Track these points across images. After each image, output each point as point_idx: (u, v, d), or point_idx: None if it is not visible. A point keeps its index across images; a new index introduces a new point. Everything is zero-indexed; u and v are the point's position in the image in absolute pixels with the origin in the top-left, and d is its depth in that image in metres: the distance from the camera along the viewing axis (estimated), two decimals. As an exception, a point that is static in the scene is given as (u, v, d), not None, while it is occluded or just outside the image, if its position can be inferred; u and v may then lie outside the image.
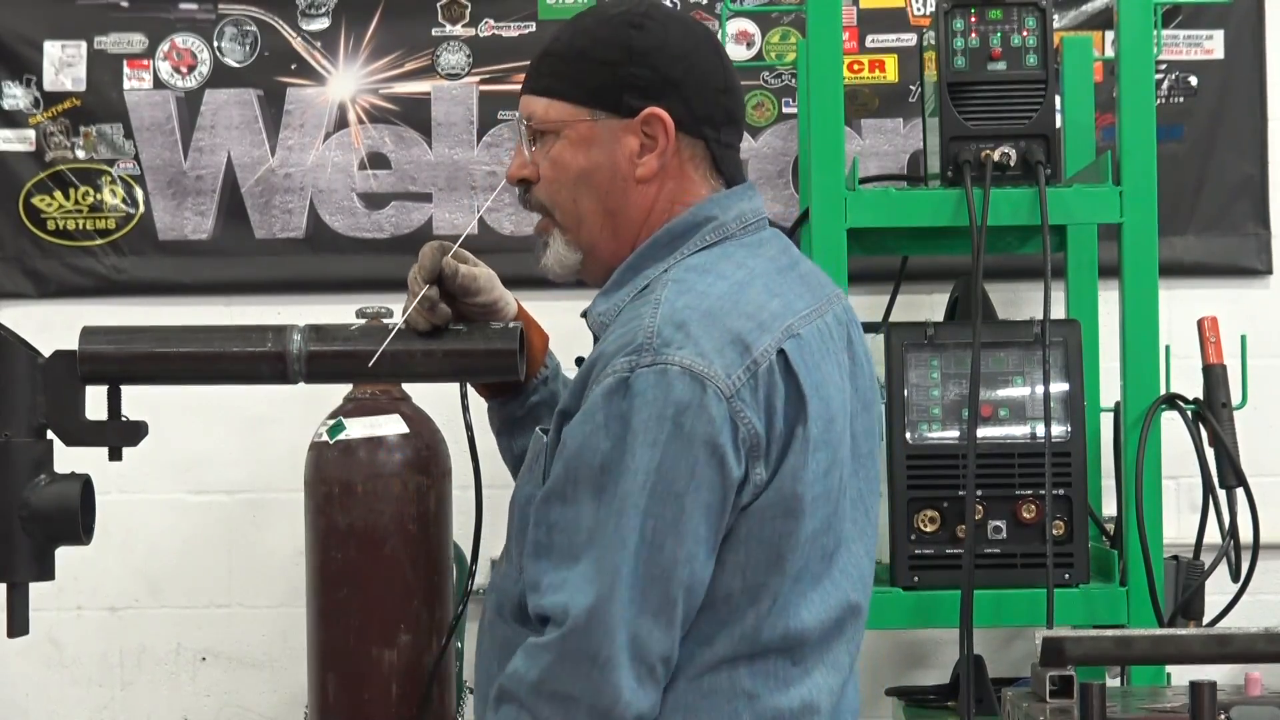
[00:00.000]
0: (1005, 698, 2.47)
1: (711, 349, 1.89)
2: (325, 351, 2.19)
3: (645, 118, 2.03)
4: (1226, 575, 3.12)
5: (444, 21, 3.96)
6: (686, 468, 1.86)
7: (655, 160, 2.04)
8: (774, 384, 1.91)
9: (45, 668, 3.97)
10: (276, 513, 3.90)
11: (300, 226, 3.95)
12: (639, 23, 2.04)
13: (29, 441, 2.15)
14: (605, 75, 2.04)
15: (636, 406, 1.86)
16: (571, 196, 2.08)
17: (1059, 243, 3.52)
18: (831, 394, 1.98)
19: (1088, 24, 3.89)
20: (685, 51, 2.05)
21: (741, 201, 2.09)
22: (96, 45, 3.96)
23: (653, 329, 1.90)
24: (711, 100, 2.06)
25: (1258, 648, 2.12)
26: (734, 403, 1.87)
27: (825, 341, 2.01)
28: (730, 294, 1.96)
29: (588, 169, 2.06)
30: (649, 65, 2.03)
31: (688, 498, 1.86)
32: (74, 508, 2.13)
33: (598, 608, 1.85)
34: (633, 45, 2.03)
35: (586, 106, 2.05)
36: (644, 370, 1.87)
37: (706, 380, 1.86)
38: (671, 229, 2.05)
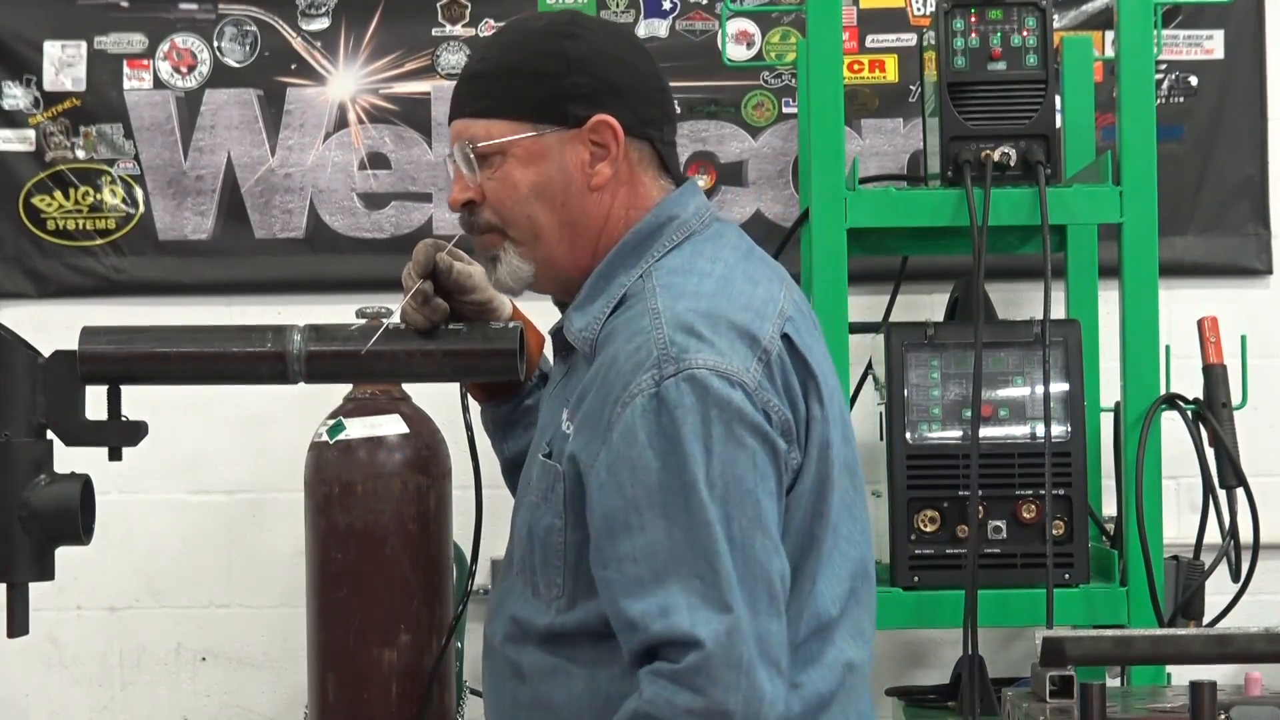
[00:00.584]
0: (1005, 698, 2.47)
1: (726, 346, 1.90)
2: (325, 351, 2.19)
3: (594, 126, 2.03)
4: (1226, 575, 3.12)
5: (444, 21, 3.96)
6: (747, 462, 1.87)
7: (608, 167, 2.04)
8: (786, 368, 1.93)
9: (45, 668, 3.97)
10: (276, 513, 3.89)
11: (300, 226, 3.95)
12: (571, 32, 2.04)
13: (29, 441, 2.15)
14: (546, 88, 2.03)
15: (679, 418, 1.86)
16: (525, 213, 2.06)
17: (1059, 243, 3.52)
18: (825, 365, 2.02)
19: (1088, 24, 3.89)
20: (621, 55, 2.06)
21: (695, 197, 2.10)
22: (96, 45, 3.96)
23: (665, 338, 1.90)
24: (652, 100, 2.08)
25: (1258, 648, 2.12)
26: (760, 394, 1.89)
27: (805, 315, 2.06)
28: (719, 290, 1.97)
29: (539, 183, 2.04)
30: (589, 73, 2.03)
31: (759, 490, 1.88)
32: (74, 508, 2.13)
33: (727, 624, 1.83)
34: (569, 55, 2.03)
35: (530, 121, 2.03)
36: (671, 381, 1.87)
37: (733, 377, 1.88)
38: (638, 233, 2.05)
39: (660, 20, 3.93)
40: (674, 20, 3.93)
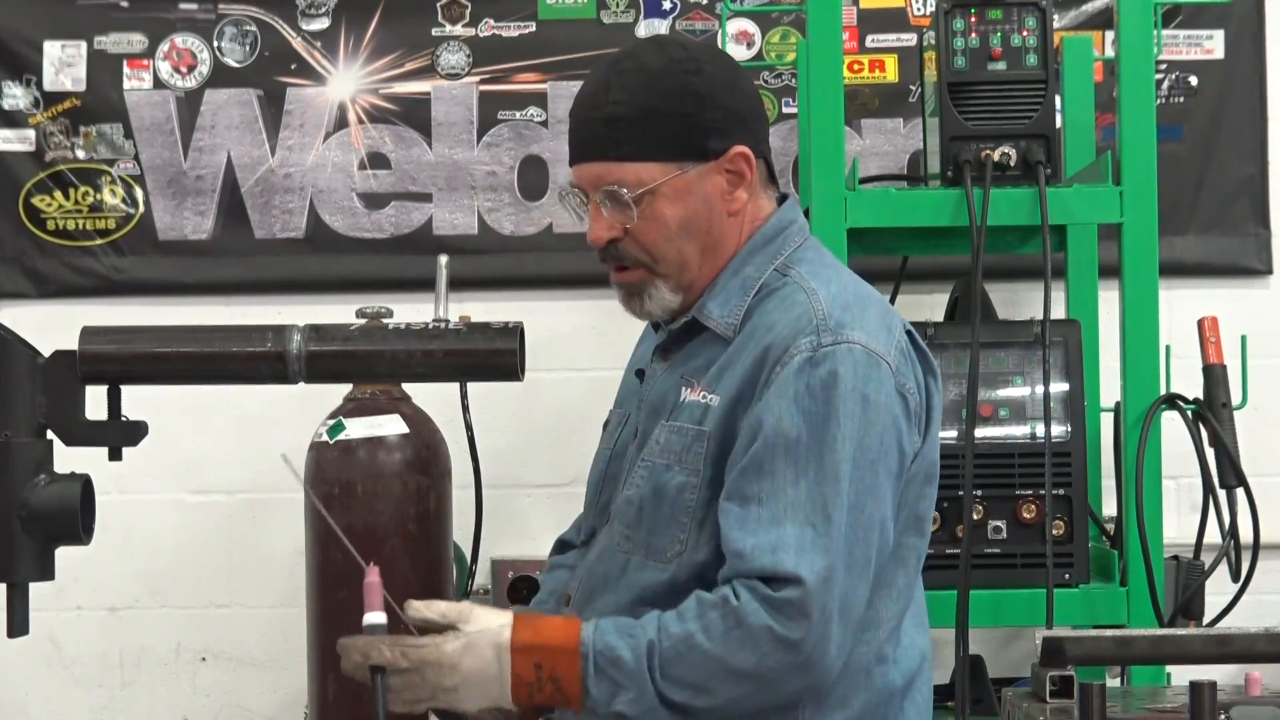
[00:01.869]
0: (1005, 698, 2.47)
1: (872, 328, 2.05)
2: (325, 351, 2.19)
3: (731, 158, 2.15)
4: (1226, 575, 3.12)
5: (444, 21, 3.96)
6: (877, 436, 2.02)
7: (744, 192, 2.17)
8: (912, 360, 2.09)
9: (45, 668, 3.97)
10: (276, 513, 3.89)
11: (300, 226, 3.95)
12: (696, 68, 2.13)
13: (29, 441, 2.14)
14: (685, 126, 2.13)
15: (828, 381, 2.01)
16: (676, 247, 2.17)
17: (1059, 243, 3.52)
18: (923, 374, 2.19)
19: (1088, 24, 3.89)
20: (738, 83, 2.18)
21: (798, 207, 2.28)
22: (96, 45, 3.96)
23: (824, 311, 2.05)
24: (764, 120, 2.22)
25: (1258, 648, 2.13)
26: (899, 376, 2.05)
27: None
28: (854, 284, 2.14)
29: (687, 217, 2.15)
30: (720, 107, 2.14)
31: (880, 464, 2.02)
32: (74, 508, 2.13)
33: (826, 569, 1.98)
34: (700, 91, 2.13)
35: (675, 161, 2.14)
36: (828, 348, 2.02)
37: (880, 357, 2.04)
38: (765, 234, 2.19)
39: (660, 20, 3.93)
40: (674, 20, 3.93)
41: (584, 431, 3.91)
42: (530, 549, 3.76)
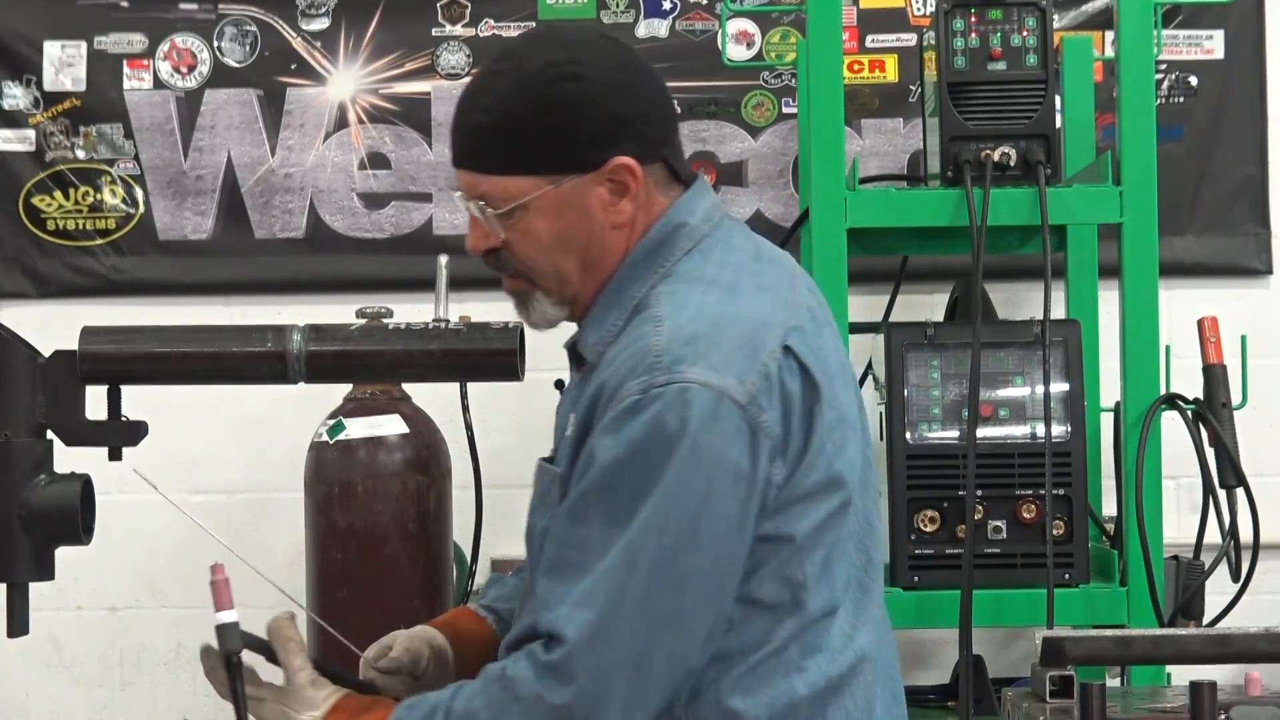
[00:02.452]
0: (1005, 698, 2.47)
1: (722, 360, 1.89)
2: (325, 351, 2.19)
3: (611, 169, 1.98)
4: (1226, 575, 3.12)
5: (444, 21, 3.96)
6: (702, 483, 1.87)
7: (629, 204, 2.01)
8: (785, 380, 1.92)
9: (45, 668, 3.97)
10: (276, 513, 3.89)
11: (300, 226, 3.95)
12: (574, 74, 1.97)
13: (29, 441, 2.15)
14: (558, 139, 1.97)
15: (651, 427, 1.86)
16: (551, 262, 2.03)
17: (1059, 243, 3.52)
18: (834, 368, 2.01)
19: (1088, 24, 3.89)
20: (626, 86, 2.00)
21: (703, 199, 2.07)
22: (96, 45, 3.96)
23: (661, 347, 1.89)
24: (660, 119, 2.04)
25: (1258, 648, 2.12)
26: (750, 409, 1.89)
27: (815, 314, 2.04)
28: (725, 298, 1.95)
29: (563, 232, 2.01)
30: (599, 115, 1.97)
31: (706, 512, 1.87)
32: (74, 508, 2.13)
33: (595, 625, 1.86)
34: (574, 100, 1.96)
35: (546, 174, 1.98)
36: (658, 389, 1.87)
37: (722, 393, 1.87)
38: (646, 244, 2.02)
39: (660, 20, 3.93)
40: (674, 20, 3.93)
41: (584, 431, 3.92)
42: (530, 549, 3.76)
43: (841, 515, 1.98)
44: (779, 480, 1.92)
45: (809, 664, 1.95)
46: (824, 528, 1.96)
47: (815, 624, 1.96)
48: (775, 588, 1.94)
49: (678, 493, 1.86)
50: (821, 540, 1.96)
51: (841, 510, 1.98)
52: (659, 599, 1.87)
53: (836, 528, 1.98)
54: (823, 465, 1.95)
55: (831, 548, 1.97)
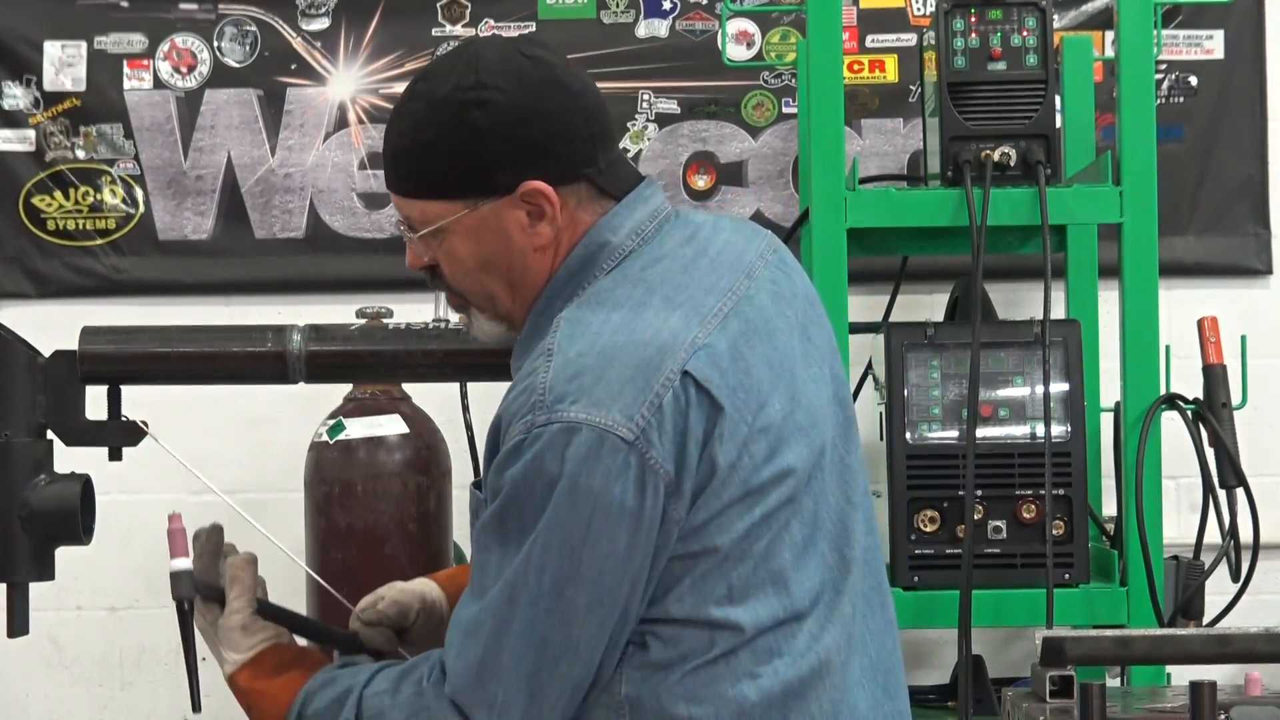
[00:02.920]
0: (1005, 698, 2.47)
1: (608, 395, 1.86)
2: (325, 351, 2.20)
3: (524, 194, 1.96)
4: (1226, 575, 3.12)
5: (444, 21, 3.96)
6: (583, 521, 1.86)
7: (547, 227, 1.98)
8: (682, 410, 1.88)
9: (45, 668, 3.97)
10: (276, 513, 3.88)
11: (300, 226, 3.95)
12: (479, 99, 1.94)
13: (29, 441, 2.15)
14: (467, 163, 1.96)
15: (533, 468, 1.86)
16: (478, 282, 2.03)
17: (1059, 243, 3.52)
18: (760, 376, 1.94)
19: (1088, 24, 3.89)
20: (537, 107, 1.96)
21: (634, 212, 2.02)
22: (96, 45, 3.96)
23: (545, 384, 1.87)
24: (581, 138, 1.99)
25: (1258, 648, 2.13)
26: (639, 445, 1.85)
27: (753, 320, 1.98)
28: (625, 325, 1.91)
29: (484, 255, 2.00)
30: (506, 140, 1.95)
31: (587, 549, 1.86)
32: (74, 508, 2.14)
33: (487, 662, 1.90)
34: (480, 126, 1.94)
35: (460, 199, 1.98)
36: (539, 430, 1.86)
37: (605, 431, 1.84)
38: (569, 266, 2.00)
39: (660, 20, 3.93)
40: (674, 20, 3.93)
41: (584, 431, 3.92)
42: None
43: (781, 519, 1.94)
44: (678, 515, 1.88)
45: (764, 670, 1.92)
46: (753, 536, 1.92)
47: (772, 630, 1.93)
48: (704, 600, 1.91)
49: (557, 532, 1.86)
50: (753, 548, 1.92)
51: (779, 513, 1.94)
52: (545, 632, 1.88)
53: (777, 533, 1.93)
54: (738, 481, 1.90)
55: (777, 553, 1.93)
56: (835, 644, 1.98)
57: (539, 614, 1.89)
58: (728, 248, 2.05)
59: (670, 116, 3.93)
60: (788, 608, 1.94)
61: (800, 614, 1.95)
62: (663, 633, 1.92)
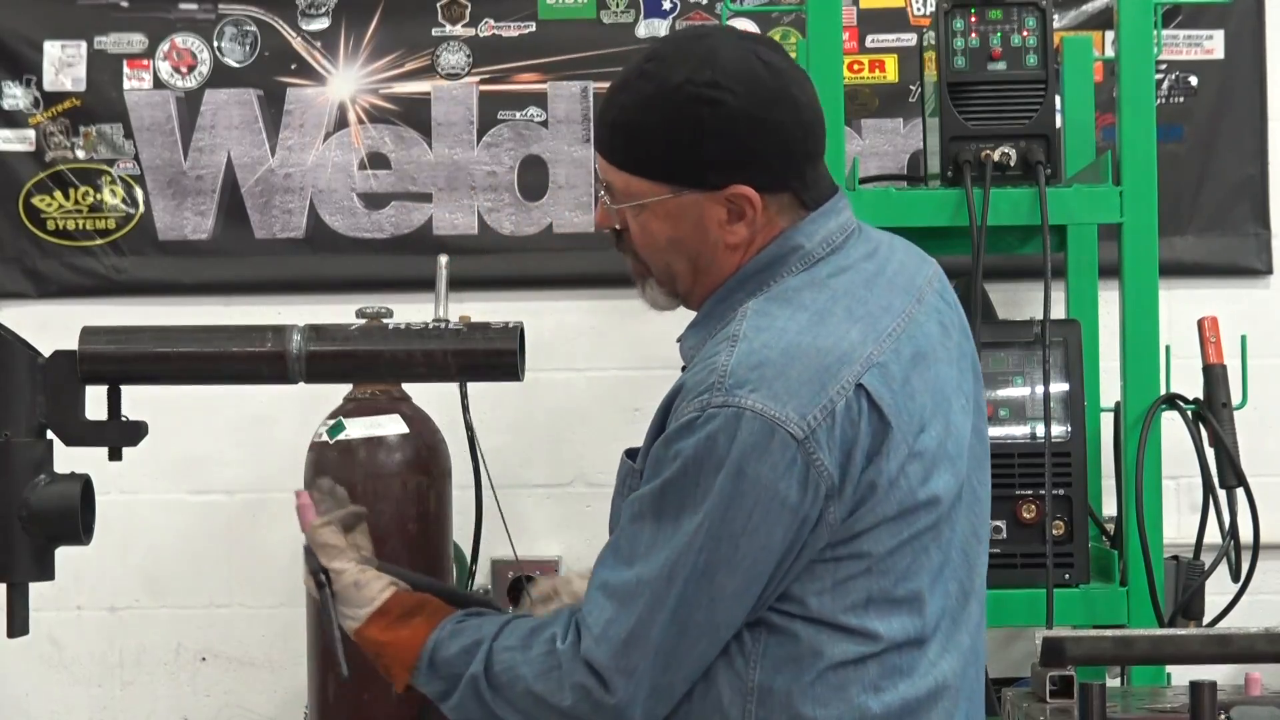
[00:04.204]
0: (1005, 698, 2.47)
1: (785, 390, 1.89)
2: (325, 351, 2.19)
3: (730, 195, 2.00)
4: (1226, 575, 3.12)
5: (444, 21, 3.96)
6: (746, 510, 1.89)
7: (744, 229, 2.02)
8: (853, 420, 1.91)
9: (45, 668, 3.97)
10: (276, 513, 3.89)
11: (300, 226, 3.95)
12: (711, 97, 1.97)
13: (29, 441, 2.15)
14: (684, 154, 1.99)
15: (705, 447, 1.89)
16: (663, 260, 2.07)
17: (1059, 243, 3.52)
18: (923, 401, 1.98)
19: (1088, 24, 3.89)
20: (763, 117, 1.99)
21: (828, 221, 2.05)
22: (96, 45, 3.96)
23: (727, 368, 1.91)
24: (794, 156, 2.02)
25: (1258, 648, 2.13)
26: (807, 444, 1.89)
27: (922, 346, 2.02)
28: (809, 328, 1.95)
29: (676, 238, 2.04)
30: (726, 142, 1.98)
31: (746, 538, 1.89)
32: (74, 508, 2.13)
33: (638, 633, 1.92)
34: (706, 123, 1.97)
35: (668, 183, 2.01)
36: (715, 410, 1.89)
37: (777, 424, 1.88)
38: (759, 260, 2.03)
39: (660, 20, 3.93)
40: (674, 20, 3.93)
41: (584, 431, 3.92)
42: (530, 549, 3.76)
43: (922, 543, 1.98)
44: (834, 519, 1.92)
45: (887, 684, 1.96)
46: (899, 554, 1.96)
47: (900, 648, 1.97)
48: (842, 603, 1.95)
49: (720, 516, 1.89)
50: (896, 565, 1.96)
51: (922, 537, 1.97)
52: (692, 610, 1.92)
53: (917, 555, 1.97)
54: (896, 499, 1.94)
55: (916, 574, 1.97)
56: (952, 671, 2.01)
57: (691, 594, 1.91)
58: (902, 269, 2.10)
59: (670, 116, 3.93)
60: (919, 628, 1.98)
61: (926, 637, 1.98)
62: (803, 631, 1.95)
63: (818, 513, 1.90)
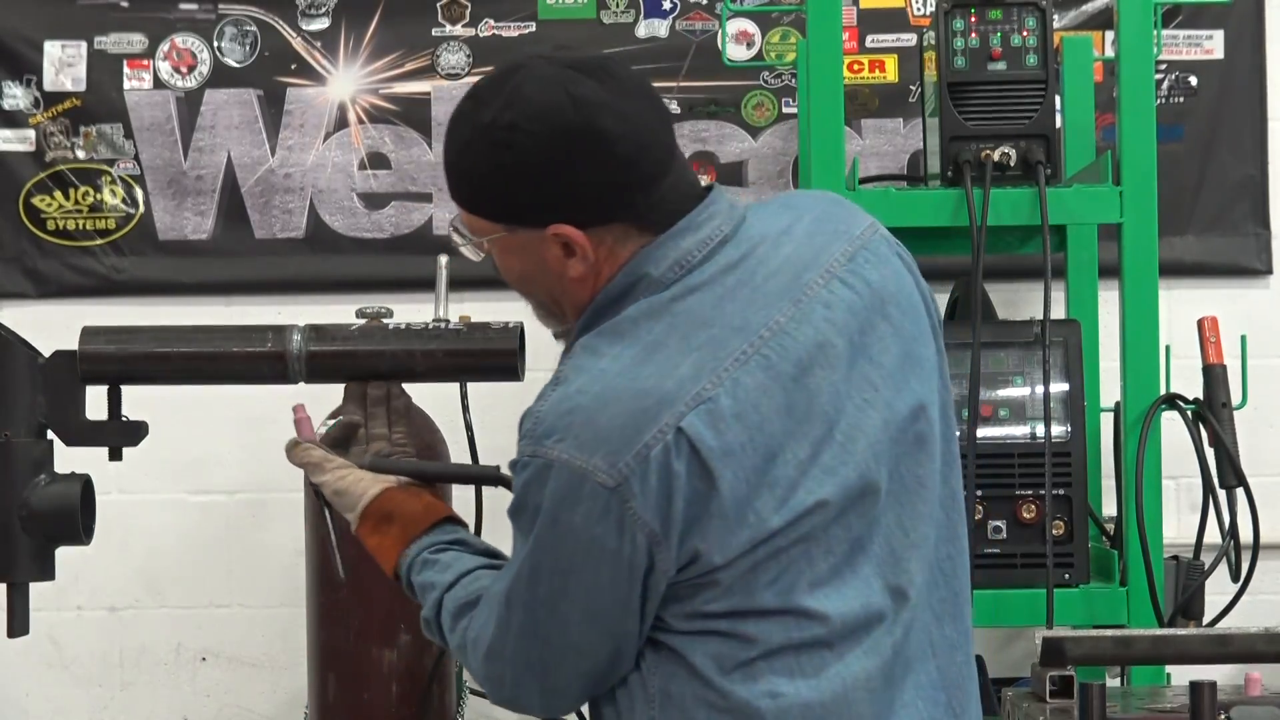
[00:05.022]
0: (1005, 698, 2.47)
1: (595, 439, 1.84)
2: (325, 351, 2.20)
3: (553, 234, 1.93)
4: (1226, 575, 3.12)
5: (444, 21, 3.96)
6: (565, 554, 1.87)
7: (580, 264, 1.95)
8: (670, 466, 1.83)
9: (45, 668, 3.97)
10: (276, 513, 3.89)
11: (300, 226, 3.95)
12: (508, 140, 1.90)
13: (29, 441, 2.15)
14: (500, 197, 1.95)
15: (523, 493, 1.89)
16: (527, 292, 2.04)
17: (1059, 243, 3.52)
18: (771, 424, 1.88)
19: (1088, 24, 3.89)
20: (562, 158, 1.90)
21: (681, 241, 1.94)
22: (96, 45, 3.96)
23: (539, 415, 1.89)
24: (612, 188, 1.92)
25: (1258, 648, 2.13)
26: (620, 492, 1.83)
27: (779, 365, 1.90)
28: (631, 367, 1.87)
29: (525, 271, 2.00)
30: (531, 185, 1.92)
31: (571, 576, 1.88)
32: (74, 508, 2.14)
33: (495, 647, 1.96)
34: (507, 169, 1.92)
35: (499, 222, 1.97)
36: (527, 460, 1.88)
37: (586, 474, 1.83)
38: (609, 293, 1.95)
39: (660, 20, 3.93)
40: (674, 20, 3.93)
41: (584, 431, 3.91)
42: (530, 549, 3.76)
43: (791, 555, 1.89)
44: (666, 567, 1.86)
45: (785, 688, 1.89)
46: (762, 570, 1.87)
47: (796, 650, 1.90)
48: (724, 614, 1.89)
49: (547, 555, 1.88)
50: (759, 580, 1.88)
51: (790, 550, 1.88)
52: (545, 633, 1.92)
53: (790, 564, 1.89)
54: (743, 535, 1.85)
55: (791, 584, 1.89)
56: (866, 673, 1.92)
57: (537, 619, 1.91)
58: (788, 264, 1.96)
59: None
60: (814, 633, 1.90)
61: (823, 640, 1.91)
62: (678, 643, 1.91)
63: (645, 559, 1.85)
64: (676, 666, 1.91)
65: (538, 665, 1.94)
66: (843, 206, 2.04)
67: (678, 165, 1.97)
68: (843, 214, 2.02)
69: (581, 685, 1.96)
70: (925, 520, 1.98)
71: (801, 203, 2.04)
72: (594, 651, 1.92)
